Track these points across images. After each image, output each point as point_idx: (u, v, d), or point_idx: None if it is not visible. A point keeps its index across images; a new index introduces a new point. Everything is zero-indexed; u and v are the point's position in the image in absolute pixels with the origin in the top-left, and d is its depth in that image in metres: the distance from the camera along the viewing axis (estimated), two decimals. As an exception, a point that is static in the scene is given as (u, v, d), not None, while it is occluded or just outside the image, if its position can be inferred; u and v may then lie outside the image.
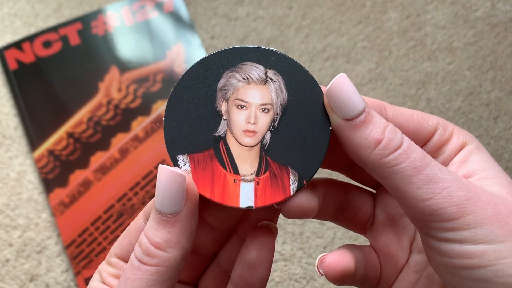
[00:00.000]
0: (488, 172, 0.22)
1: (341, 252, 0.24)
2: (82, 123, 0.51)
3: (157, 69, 0.53)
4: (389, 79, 0.53)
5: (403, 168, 0.20)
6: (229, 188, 0.22)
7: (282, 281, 0.49)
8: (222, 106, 0.22)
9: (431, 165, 0.20)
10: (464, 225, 0.19)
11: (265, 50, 0.22)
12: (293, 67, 0.22)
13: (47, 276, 0.49)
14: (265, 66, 0.22)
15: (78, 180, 0.50)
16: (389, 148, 0.20)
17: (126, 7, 0.55)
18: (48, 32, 0.54)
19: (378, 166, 0.20)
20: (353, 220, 0.26)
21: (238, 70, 0.22)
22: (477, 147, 0.23)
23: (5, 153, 0.51)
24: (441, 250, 0.20)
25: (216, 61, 0.22)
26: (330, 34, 0.55)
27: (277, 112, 0.22)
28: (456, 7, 0.55)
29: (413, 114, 0.23)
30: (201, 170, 0.22)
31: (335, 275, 0.23)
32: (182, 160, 0.22)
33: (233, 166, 0.22)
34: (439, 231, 0.20)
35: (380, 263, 0.25)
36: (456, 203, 0.19)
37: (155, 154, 0.51)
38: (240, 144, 0.22)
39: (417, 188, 0.20)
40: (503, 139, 0.52)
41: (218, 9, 0.55)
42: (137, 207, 0.49)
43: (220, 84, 0.22)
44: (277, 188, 0.22)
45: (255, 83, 0.22)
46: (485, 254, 0.19)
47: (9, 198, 0.50)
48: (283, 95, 0.22)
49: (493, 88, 0.53)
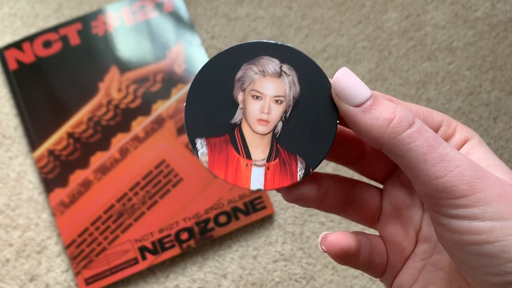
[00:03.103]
0: (490, 162, 0.23)
1: (343, 232, 0.25)
2: (82, 123, 0.51)
3: (157, 69, 0.53)
4: (389, 79, 0.53)
5: (417, 146, 0.21)
6: (241, 171, 0.24)
7: (282, 281, 0.49)
8: (239, 95, 0.24)
9: (443, 145, 0.21)
10: (474, 202, 0.20)
11: (282, 45, 0.24)
12: (307, 63, 0.24)
13: (47, 276, 0.49)
14: (280, 60, 0.24)
15: (78, 180, 0.50)
16: (402, 125, 0.21)
17: (126, 7, 0.55)
18: (48, 32, 0.54)
19: (393, 145, 0.21)
20: (361, 213, 0.27)
21: (255, 63, 0.24)
22: (479, 142, 0.24)
23: (5, 153, 0.51)
24: (451, 227, 0.21)
25: (236, 53, 0.24)
26: (330, 34, 0.55)
27: (289, 104, 0.24)
28: (456, 7, 0.55)
29: (419, 110, 0.24)
30: (217, 153, 0.24)
31: (336, 252, 0.24)
32: (200, 143, 0.24)
33: (246, 152, 0.24)
34: (450, 208, 0.21)
35: (387, 251, 0.26)
36: (467, 181, 0.20)
37: (155, 154, 0.51)
38: (254, 131, 0.24)
39: (431, 166, 0.21)
40: (503, 139, 0.52)
41: (218, 9, 0.55)
42: (137, 207, 0.49)
43: (238, 75, 0.24)
44: (285, 174, 0.23)
45: (271, 76, 0.24)
46: (493, 231, 0.20)
47: (9, 198, 0.50)
48: (296, 89, 0.24)
49: (493, 88, 0.53)
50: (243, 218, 0.49)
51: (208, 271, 0.49)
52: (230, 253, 0.49)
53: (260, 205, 0.49)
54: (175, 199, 0.50)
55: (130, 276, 0.49)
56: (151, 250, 0.48)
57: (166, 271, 0.49)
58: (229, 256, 0.49)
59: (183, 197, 0.50)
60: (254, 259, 0.49)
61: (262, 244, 0.50)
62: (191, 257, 0.49)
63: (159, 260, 0.48)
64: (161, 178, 0.50)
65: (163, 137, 0.51)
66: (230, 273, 0.49)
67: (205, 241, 0.49)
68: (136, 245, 0.49)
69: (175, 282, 0.49)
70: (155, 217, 0.49)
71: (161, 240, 0.49)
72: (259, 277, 0.49)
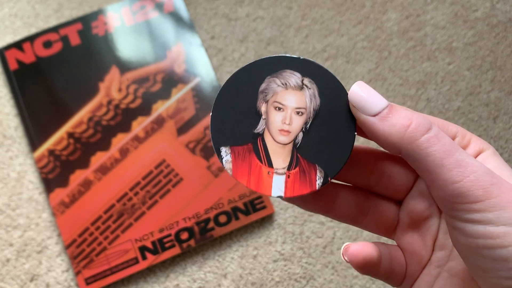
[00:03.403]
0: (503, 171, 0.24)
1: (365, 243, 0.26)
2: (83, 123, 0.51)
3: (157, 69, 0.53)
4: (388, 79, 0.54)
5: (435, 151, 0.22)
6: (263, 178, 0.25)
7: (282, 280, 0.49)
8: (262, 106, 0.25)
9: (459, 151, 0.22)
10: (489, 207, 0.21)
11: (304, 60, 0.25)
12: (327, 77, 0.25)
13: (47, 276, 0.49)
14: (302, 74, 0.25)
15: (79, 180, 0.50)
16: (419, 130, 0.22)
17: (126, 7, 0.55)
18: (48, 33, 0.54)
19: (411, 149, 0.22)
20: (377, 224, 0.28)
21: (278, 76, 0.25)
22: (493, 153, 0.25)
23: (5, 153, 0.52)
24: (466, 231, 0.22)
25: (260, 67, 0.25)
26: (330, 34, 0.55)
27: (310, 115, 0.25)
28: (456, 7, 0.56)
29: (435, 121, 0.25)
30: (240, 161, 0.25)
31: (358, 262, 0.25)
32: (225, 151, 0.25)
33: (268, 160, 0.25)
34: (465, 213, 0.21)
35: (405, 260, 0.27)
36: (483, 186, 0.21)
37: (155, 154, 0.51)
38: (276, 141, 0.25)
39: (448, 171, 0.21)
40: (502, 139, 0.52)
41: (218, 9, 0.56)
42: (137, 207, 0.49)
43: (262, 87, 0.25)
44: (305, 182, 0.24)
45: (292, 88, 0.25)
46: (507, 235, 0.20)
47: (10, 198, 0.50)
48: (316, 101, 0.25)
49: (492, 88, 0.53)
50: (243, 218, 0.49)
51: (208, 271, 0.49)
52: (230, 252, 0.49)
53: (260, 205, 0.50)
54: (175, 199, 0.50)
55: (130, 276, 0.49)
56: (151, 250, 0.49)
57: (166, 271, 0.49)
58: (229, 255, 0.49)
59: (183, 197, 0.50)
60: (254, 258, 0.49)
61: (262, 244, 0.50)
62: (191, 256, 0.49)
63: (159, 260, 0.49)
64: (161, 178, 0.50)
65: (163, 137, 0.51)
66: (230, 273, 0.49)
67: (205, 241, 0.49)
68: (137, 245, 0.49)
69: (175, 281, 0.49)
70: (155, 217, 0.49)
71: (161, 240, 0.49)
72: (259, 276, 0.49)
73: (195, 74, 0.53)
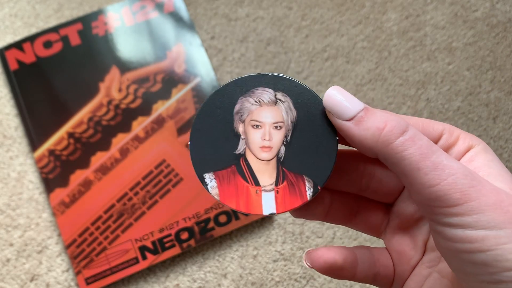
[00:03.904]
0: (492, 170, 0.23)
1: (328, 248, 0.25)
2: (83, 123, 0.51)
3: (158, 69, 0.53)
4: (388, 79, 0.54)
5: (410, 154, 0.21)
6: (252, 198, 0.24)
7: (282, 280, 0.49)
8: (239, 127, 0.25)
9: (437, 153, 0.21)
10: (467, 211, 0.20)
11: (273, 76, 0.25)
12: (298, 88, 0.25)
13: (47, 276, 0.49)
14: (274, 89, 0.25)
15: (79, 180, 0.50)
16: (394, 133, 0.21)
17: (126, 7, 0.55)
18: (48, 33, 0.54)
19: (386, 153, 0.22)
20: (366, 224, 0.27)
21: (251, 95, 0.25)
22: (483, 149, 0.24)
23: (5, 153, 0.52)
24: (446, 235, 0.21)
25: (231, 89, 0.25)
26: (330, 35, 0.55)
27: (289, 128, 0.25)
28: (456, 7, 0.56)
29: (418, 121, 0.24)
30: (226, 185, 0.25)
31: (320, 266, 0.25)
32: (209, 178, 0.25)
33: (254, 179, 0.25)
34: (443, 216, 0.21)
35: (393, 261, 0.26)
36: (461, 189, 0.20)
37: (155, 154, 0.51)
38: (258, 159, 0.25)
39: (424, 174, 0.21)
40: (502, 139, 0.52)
41: (218, 10, 0.56)
42: (137, 207, 0.49)
43: (236, 108, 0.25)
44: (295, 195, 0.24)
45: (267, 104, 0.25)
46: (486, 239, 0.20)
47: (10, 198, 0.50)
48: (293, 113, 0.25)
49: (492, 88, 0.53)
50: (243, 218, 0.49)
51: (208, 271, 0.49)
52: (230, 252, 0.49)
53: (260, 205, 0.50)
54: (175, 199, 0.50)
55: (131, 276, 0.49)
56: (151, 250, 0.49)
57: (167, 271, 0.49)
58: (229, 255, 0.49)
59: (183, 196, 0.50)
60: (254, 258, 0.49)
61: (262, 244, 0.50)
62: (191, 256, 0.49)
63: (159, 260, 0.49)
64: (161, 178, 0.50)
65: (163, 137, 0.51)
66: (230, 273, 0.49)
67: (205, 240, 0.49)
68: (137, 245, 0.49)
69: (175, 281, 0.49)
70: (155, 217, 0.49)
71: (162, 239, 0.49)
72: (259, 276, 0.49)
73: (195, 74, 0.53)
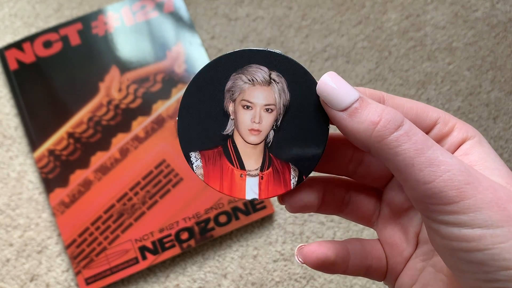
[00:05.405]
0: (489, 163, 0.22)
1: (320, 243, 0.25)
2: (83, 123, 0.51)
3: (158, 69, 0.53)
4: (389, 79, 0.54)
5: (404, 150, 0.20)
6: (236, 182, 0.24)
7: (282, 281, 0.49)
8: (229, 106, 0.24)
9: (433, 148, 0.20)
10: (464, 209, 0.20)
11: (270, 52, 0.23)
12: (296, 69, 0.23)
13: (47, 276, 0.49)
14: (269, 67, 0.23)
15: (79, 180, 0.50)
16: (388, 128, 0.20)
17: (126, 7, 0.55)
18: (48, 32, 0.54)
19: (380, 148, 0.21)
20: (357, 214, 0.27)
21: (244, 72, 0.23)
22: (479, 141, 0.23)
23: (5, 153, 0.52)
24: (441, 233, 0.21)
25: (224, 63, 0.24)
26: (330, 34, 0.55)
27: (280, 112, 0.23)
28: (456, 7, 0.56)
29: (413, 106, 0.23)
30: (211, 165, 0.24)
31: (313, 262, 0.25)
32: (194, 157, 0.24)
33: (239, 162, 0.24)
34: (439, 214, 0.20)
35: (386, 253, 0.26)
36: (457, 186, 0.20)
37: (155, 154, 0.51)
38: (246, 142, 0.24)
39: (419, 171, 0.20)
40: (502, 139, 0.52)
41: (218, 9, 0.56)
42: (137, 207, 0.49)
43: (228, 85, 0.24)
44: (279, 183, 0.24)
45: (260, 84, 0.23)
46: (483, 238, 0.19)
47: (10, 198, 0.50)
48: (286, 96, 0.23)
49: (492, 88, 0.53)
50: (243, 218, 0.49)
51: (208, 271, 0.49)
52: (230, 252, 0.49)
53: (260, 205, 0.50)
54: (175, 199, 0.50)
55: (130, 276, 0.49)
56: (151, 250, 0.49)
57: (166, 271, 0.49)
58: (229, 255, 0.49)
59: (183, 197, 0.50)
60: (254, 258, 0.49)
61: (262, 244, 0.50)
62: (191, 256, 0.49)
63: (159, 260, 0.48)
64: (161, 178, 0.50)
65: (163, 137, 0.51)
66: (230, 273, 0.49)
67: (205, 241, 0.49)
68: (137, 245, 0.49)
69: (175, 281, 0.49)
70: (155, 217, 0.49)
71: (161, 240, 0.49)
72: (259, 276, 0.49)
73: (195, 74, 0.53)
